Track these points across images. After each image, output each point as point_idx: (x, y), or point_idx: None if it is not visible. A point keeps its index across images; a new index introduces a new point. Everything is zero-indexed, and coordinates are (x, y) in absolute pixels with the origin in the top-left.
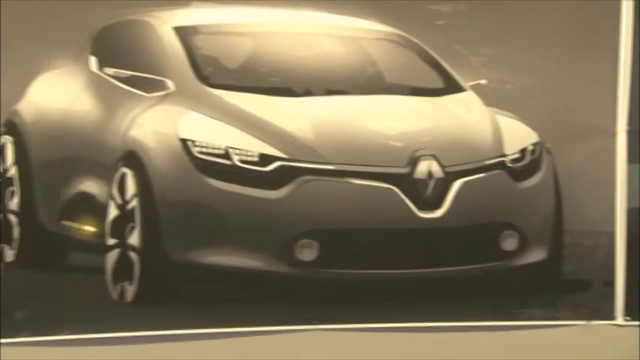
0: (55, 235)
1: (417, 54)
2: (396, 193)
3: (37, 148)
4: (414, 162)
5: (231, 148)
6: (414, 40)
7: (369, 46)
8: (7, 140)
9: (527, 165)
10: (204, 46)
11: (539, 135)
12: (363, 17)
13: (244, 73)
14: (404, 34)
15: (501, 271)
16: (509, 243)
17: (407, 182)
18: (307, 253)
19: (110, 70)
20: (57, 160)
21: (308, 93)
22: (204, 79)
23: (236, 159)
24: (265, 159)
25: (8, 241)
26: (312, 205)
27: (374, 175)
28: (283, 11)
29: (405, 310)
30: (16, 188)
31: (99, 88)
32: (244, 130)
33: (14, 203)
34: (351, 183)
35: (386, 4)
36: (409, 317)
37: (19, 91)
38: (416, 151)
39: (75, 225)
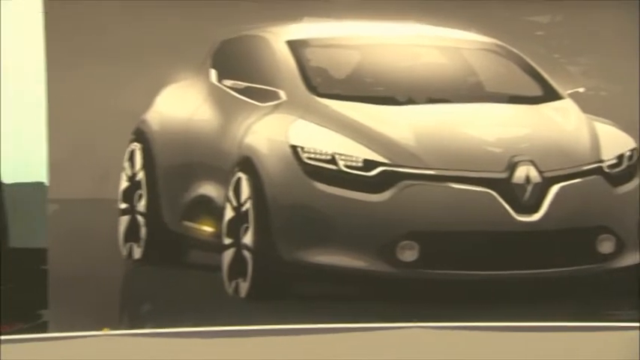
0: (177, 235)
1: (516, 63)
2: (494, 197)
3: (163, 154)
4: (512, 167)
5: (337, 154)
6: (514, 50)
7: (469, 57)
8: (136, 147)
9: (624, 170)
10: (314, 58)
11: (636, 141)
12: (464, 29)
13: (351, 83)
14: (504, 44)
15: (597, 273)
16: (606, 246)
17: (505, 187)
18: (408, 254)
19: (228, 82)
20: (179, 165)
21: (410, 101)
22: (314, 89)
23: (342, 164)
24: (369, 164)
25: (136, 239)
26: (413, 208)
27: (473, 179)
28: (388, 24)
29: (502, 310)
30: (143, 191)
31: (218, 98)
32: (350, 137)
33: (142, 205)
34: (451, 187)
35: (487, 16)
36: (506, 317)
37: (148, 102)
38: (514, 156)
39: (195, 225)
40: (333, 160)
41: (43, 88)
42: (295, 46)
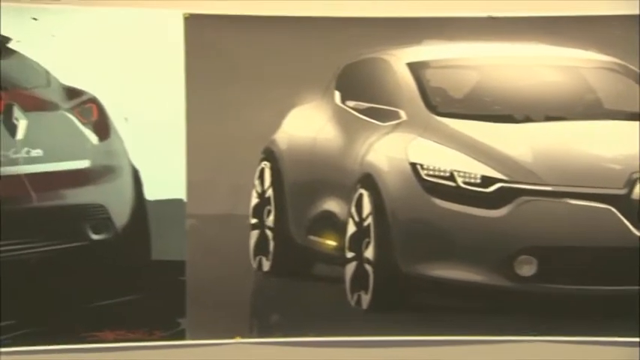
0: (303, 248)
1: (635, 81)
2: (613, 213)
3: (290, 172)
4: (631, 184)
5: (456, 170)
6: (634, 68)
7: (587, 75)
8: (266, 166)
9: None
10: (434, 78)
11: None
12: (583, 48)
13: (469, 102)
14: (623, 62)
15: None
16: None
17: (625, 203)
18: (527, 268)
19: (351, 103)
20: (305, 182)
21: (528, 119)
22: (433, 109)
23: (460, 181)
24: (487, 181)
25: (265, 253)
26: (531, 223)
27: (592, 195)
28: (506, 45)
29: (621, 324)
30: (271, 207)
31: (341, 118)
32: (468, 155)
33: (270, 220)
34: (569, 203)
35: (606, 35)
36: (625, 331)
37: (276, 123)
38: (633, 173)
39: (319, 239)
40: (451, 177)
41: (183, 112)
42: (415, 67)
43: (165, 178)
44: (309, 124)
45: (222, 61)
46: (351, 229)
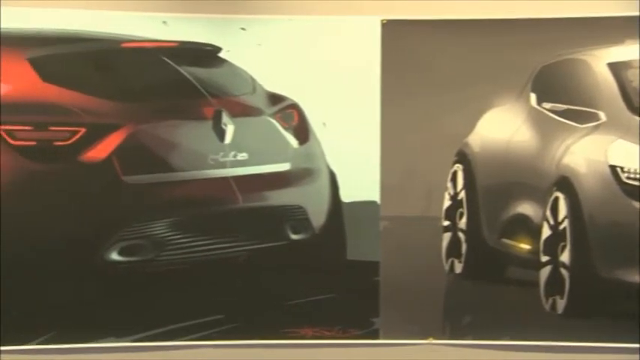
0: (495, 251)
1: None
2: None
3: (482, 175)
4: None
5: None
6: None
7: None
8: (458, 168)
9: None
10: (636, 79)
11: None
12: None
13: None
14: None
15: None
16: None
17: None
18: None
19: (547, 105)
20: (498, 185)
21: None
22: (635, 110)
23: None
24: None
25: (458, 255)
26: None
27: None
28: None
29: None
30: (464, 209)
31: (537, 121)
32: None
33: (462, 222)
34: None
35: None
36: None
37: (470, 126)
38: None
39: (512, 242)
40: None
41: (378, 116)
42: (616, 68)
43: (360, 181)
44: (502, 127)
45: (417, 65)
46: (546, 232)
